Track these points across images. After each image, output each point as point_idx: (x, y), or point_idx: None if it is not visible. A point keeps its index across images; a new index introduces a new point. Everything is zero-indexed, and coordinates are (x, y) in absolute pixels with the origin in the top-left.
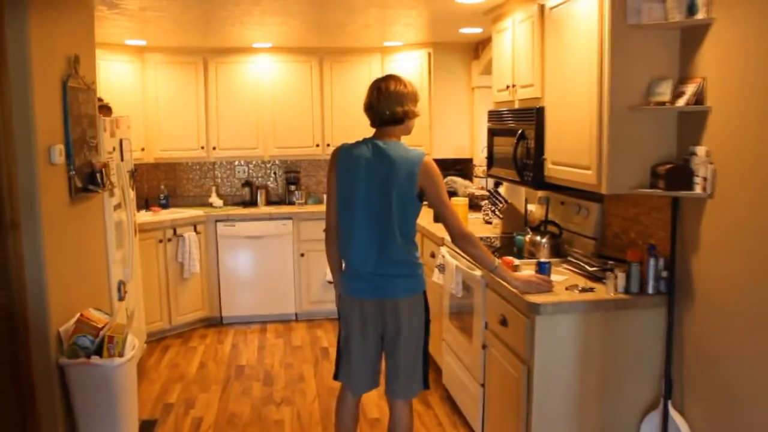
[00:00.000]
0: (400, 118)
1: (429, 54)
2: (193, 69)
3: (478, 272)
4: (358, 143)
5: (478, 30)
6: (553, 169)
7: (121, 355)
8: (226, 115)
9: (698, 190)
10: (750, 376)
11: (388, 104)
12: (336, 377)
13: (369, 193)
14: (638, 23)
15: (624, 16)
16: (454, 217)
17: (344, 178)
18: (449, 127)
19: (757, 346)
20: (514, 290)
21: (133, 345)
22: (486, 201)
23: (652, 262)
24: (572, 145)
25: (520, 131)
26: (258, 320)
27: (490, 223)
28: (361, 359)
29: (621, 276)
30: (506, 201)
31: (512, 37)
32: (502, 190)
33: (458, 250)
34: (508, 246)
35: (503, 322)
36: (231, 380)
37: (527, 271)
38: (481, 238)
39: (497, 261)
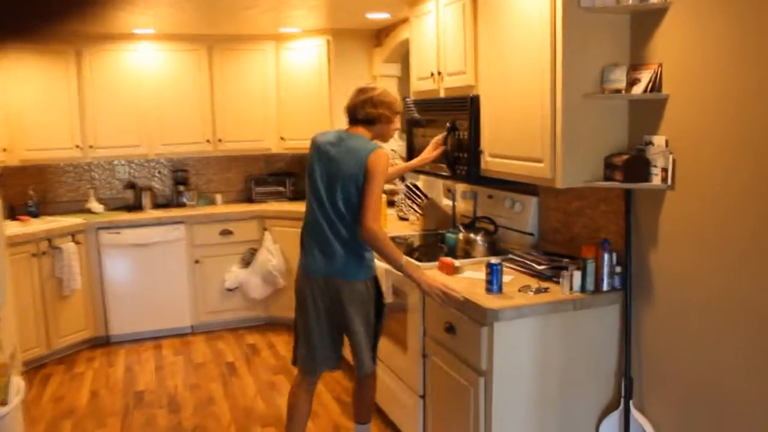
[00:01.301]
0: (371, 119)
1: (328, 41)
2: (63, 58)
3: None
4: (328, 131)
5: (384, 15)
6: (492, 162)
7: (4, 403)
8: (105, 110)
9: (657, 181)
10: (712, 370)
11: (363, 105)
12: (294, 362)
13: (325, 176)
14: (592, 6)
15: None
16: (370, 211)
17: (311, 163)
18: None
19: (718, 340)
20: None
21: (18, 388)
22: (400, 196)
23: (606, 257)
24: (517, 136)
25: (450, 122)
26: (151, 336)
27: (406, 219)
28: (318, 338)
29: (576, 274)
30: (426, 196)
31: (436, 21)
32: (419, 183)
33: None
34: (433, 245)
35: (450, 330)
36: (130, 410)
37: (471, 272)
38: (397, 237)
39: (404, 258)
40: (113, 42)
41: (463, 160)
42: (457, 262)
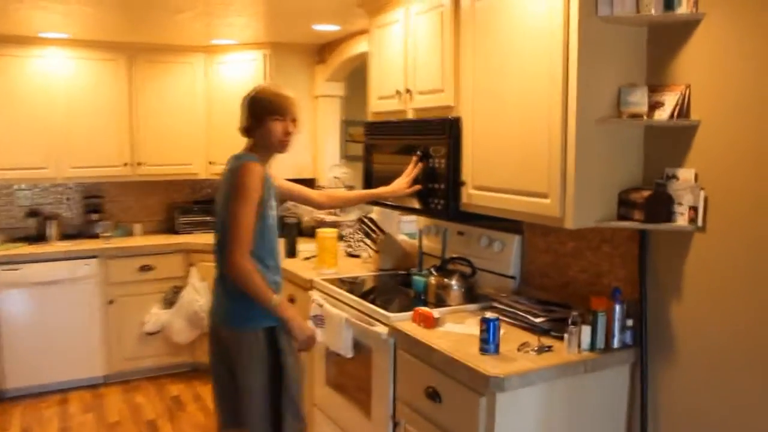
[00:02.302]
0: (248, 126)
1: (265, 56)
2: None
3: (381, 329)
4: None
5: (334, 27)
6: (476, 196)
7: None
8: (4, 125)
9: (682, 221)
10: None
11: (242, 112)
12: None
13: (216, 209)
14: (611, 15)
15: (595, 6)
16: (233, 240)
17: None
18: None
19: (760, 405)
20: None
21: None
22: (349, 229)
23: (618, 309)
24: (514, 166)
25: (422, 148)
26: (55, 389)
27: (357, 256)
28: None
29: (585, 329)
30: (382, 231)
31: (405, 32)
32: (373, 215)
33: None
34: (392, 288)
35: (433, 396)
36: None
37: (451, 325)
38: (345, 277)
39: (275, 298)
40: (15, 45)
41: (439, 192)
42: (436, 313)
